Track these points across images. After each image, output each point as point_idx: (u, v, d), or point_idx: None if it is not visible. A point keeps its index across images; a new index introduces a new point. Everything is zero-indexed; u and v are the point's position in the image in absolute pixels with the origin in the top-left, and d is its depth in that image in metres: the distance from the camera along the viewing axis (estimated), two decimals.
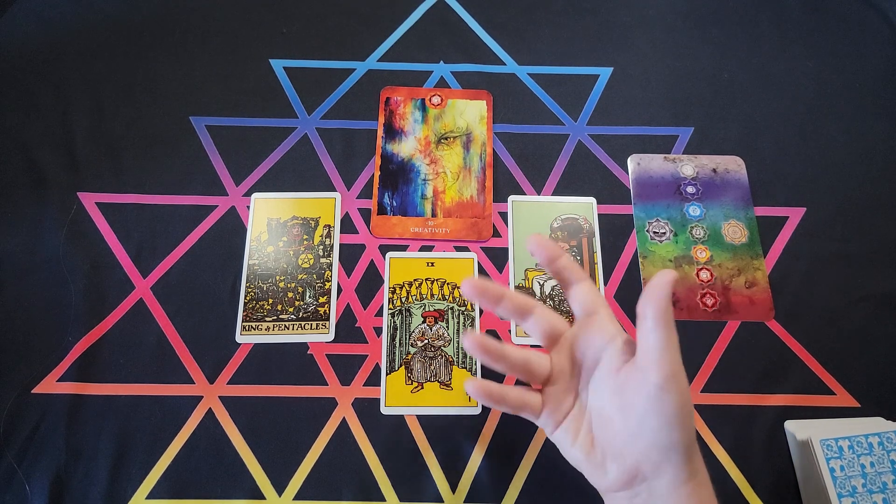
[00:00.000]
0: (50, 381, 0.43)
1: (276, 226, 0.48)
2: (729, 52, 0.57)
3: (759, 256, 0.48)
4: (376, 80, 0.55)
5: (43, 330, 0.44)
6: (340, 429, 0.42)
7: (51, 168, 0.50)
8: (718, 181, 0.51)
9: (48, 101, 0.53)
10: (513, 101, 0.54)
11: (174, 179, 0.50)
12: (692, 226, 0.49)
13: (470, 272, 0.47)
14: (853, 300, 0.46)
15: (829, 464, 0.38)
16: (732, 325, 0.46)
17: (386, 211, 0.49)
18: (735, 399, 0.43)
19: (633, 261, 0.48)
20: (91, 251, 0.47)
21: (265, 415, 0.42)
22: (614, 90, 0.55)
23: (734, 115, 0.54)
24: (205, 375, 0.43)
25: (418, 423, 0.42)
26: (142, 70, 0.55)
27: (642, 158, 0.52)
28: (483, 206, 0.49)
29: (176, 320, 0.45)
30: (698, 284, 0.47)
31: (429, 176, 0.51)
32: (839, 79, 0.56)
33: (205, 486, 0.40)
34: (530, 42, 0.57)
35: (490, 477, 0.41)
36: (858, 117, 0.54)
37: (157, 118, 0.52)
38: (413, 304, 0.46)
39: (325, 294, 0.46)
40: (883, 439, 0.38)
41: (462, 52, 0.57)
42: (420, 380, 0.44)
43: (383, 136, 0.52)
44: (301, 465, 0.41)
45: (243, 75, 0.55)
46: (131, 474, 0.40)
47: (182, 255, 0.47)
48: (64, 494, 0.40)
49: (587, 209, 0.50)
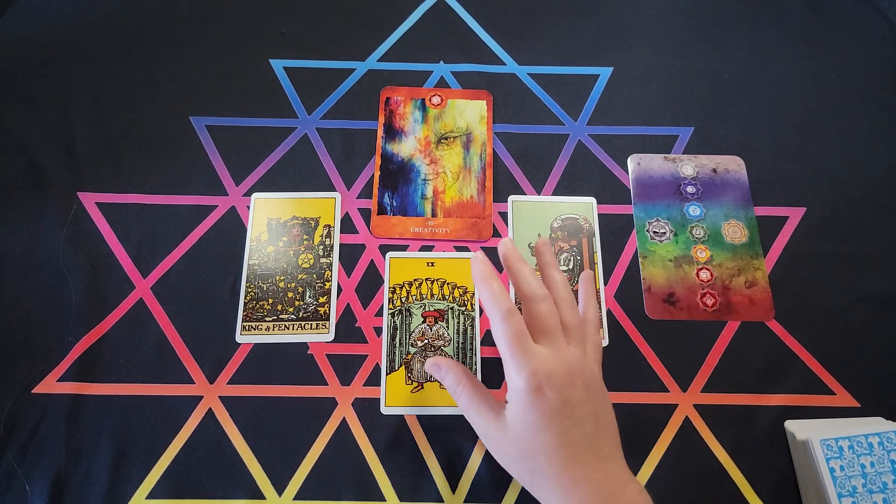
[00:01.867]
0: (50, 381, 0.43)
1: (276, 226, 0.48)
2: (729, 52, 0.57)
3: (759, 256, 0.48)
4: (376, 80, 0.55)
5: (43, 330, 0.44)
6: (340, 429, 0.42)
7: (51, 168, 0.50)
8: (718, 181, 0.51)
9: (48, 101, 0.53)
10: (513, 101, 0.54)
11: (174, 179, 0.50)
12: (692, 226, 0.49)
13: (470, 272, 0.47)
14: (853, 300, 0.46)
15: (829, 464, 0.38)
16: (732, 325, 0.46)
17: (386, 211, 0.49)
18: (735, 399, 0.43)
19: (633, 261, 0.48)
20: (91, 251, 0.47)
21: (265, 415, 0.42)
22: (614, 90, 0.55)
23: (734, 115, 0.54)
24: (205, 375, 0.43)
25: (418, 423, 0.42)
26: (142, 70, 0.55)
27: (642, 158, 0.52)
28: (483, 206, 0.49)
29: (176, 320, 0.45)
30: (698, 284, 0.47)
31: (429, 176, 0.51)
32: (839, 79, 0.56)
33: (205, 486, 0.40)
34: (530, 42, 0.57)
35: (490, 477, 0.41)
36: (858, 117, 0.54)
37: (157, 118, 0.52)
38: (413, 304, 0.46)
39: (325, 294, 0.46)
40: (883, 439, 0.38)
41: (462, 52, 0.57)
42: (420, 380, 0.44)
43: (383, 136, 0.52)
44: (301, 465, 0.41)
45: (243, 75, 0.55)
46: (131, 474, 0.40)
47: (182, 255, 0.47)
48: (64, 494, 0.40)
49: (587, 209, 0.50)
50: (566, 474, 0.30)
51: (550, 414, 0.30)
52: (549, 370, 0.31)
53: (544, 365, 0.31)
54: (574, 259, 0.48)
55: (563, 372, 0.31)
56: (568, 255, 0.48)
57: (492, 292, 0.33)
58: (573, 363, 0.32)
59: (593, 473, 0.30)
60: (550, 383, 0.30)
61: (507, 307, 0.32)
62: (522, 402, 0.31)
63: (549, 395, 0.30)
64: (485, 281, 0.33)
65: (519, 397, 0.31)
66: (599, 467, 0.30)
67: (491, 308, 0.32)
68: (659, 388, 0.44)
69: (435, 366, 0.36)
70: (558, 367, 0.31)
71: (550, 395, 0.30)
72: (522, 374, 0.31)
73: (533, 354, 0.31)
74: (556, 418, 0.30)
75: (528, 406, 0.31)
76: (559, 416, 0.30)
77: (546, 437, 0.30)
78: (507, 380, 0.32)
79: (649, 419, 0.43)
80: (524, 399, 0.31)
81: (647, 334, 0.45)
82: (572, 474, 0.30)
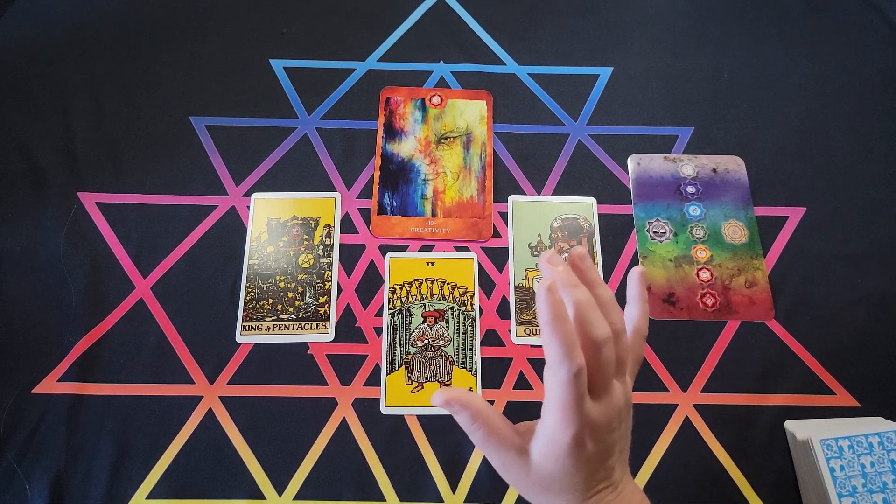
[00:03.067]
0: (50, 381, 0.43)
1: (276, 226, 0.48)
2: (729, 52, 0.57)
3: (759, 256, 0.48)
4: (376, 80, 0.55)
5: (43, 330, 0.44)
6: (340, 429, 0.42)
7: (51, 168, 0.50)
8: (718, 181, 0.51)
9: (48, 101, 0.53)
10: (513, 101, 0.54)
11: (174, 179, 0.50)
12: (692, 226, 0.49)
13: (470, 272, 0.47)
14: (853, 300, 0.46)
15: (829, 464, 0.38)
16: (732, 325, 0.46)
17: (386, 211, 0.49)
18: (735, 399, 0.43)
19: (634, 261, 0.48)
20: (91, 251, 0.47)
21: (265, 415, 0.42)
22: (614, 90, 0.55)
23: (734, 115, 0.54)
24: (205, 375, 0.43)
25: (418, 423, 0.42)
26: (142, 70, 0.55)
27: (642, 158, 0.52)
28: (483, 206, 0.49)
29: (176, 320, 0.45)
30: (698, 284, 0.47)
31: (429, 176, 0.51)
32: (839, 79, 0.56)
33: (205, 486, 0.40)
34: (530, 42, 0.57)
35: (490, 477, 0.41)
36: (858, 117, 0.54)
37: (157, 118, 0.52)
38: (413, 304, 0.46)
39: (325, 294, 0.46)
40: (883, 439, 0.38)
41: (462, 52, 0.57)
42: (420, 380, 0.44)
43: (383, 136, 0.52)
44: (301, 465, 0.41)
45: (243, 75, 0.55)
46: (131, 474, 0.40)
47: (182, 255, 0.47)
48: (64, 494, 0.40)
49: (587, 209, 0.50)
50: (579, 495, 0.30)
51: (584, 460, 0.29)
52: (595, 425, 0.29)
53: (593, 422, 0.29)
54: None
55: (606, 423, 0.29)
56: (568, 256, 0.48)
57: (565, 340, 0.27)
58: (618, 408, 0.30)
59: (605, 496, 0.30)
60: (593, 437, 0.29)
61: (579, 365, 0.27)
62: (559, 451, 0.29)
63: (589, 446, 0.29)
64: (559, 322, 0.27)
65: (556, 446, 0.29)
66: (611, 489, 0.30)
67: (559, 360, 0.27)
68: (659, 388, 0.44)
69: (446, 404, 0.32)
70: (604, 420, 0.29)
71: (591, 446, 0.29)
72: (570, 430, 0.28)
73: (587, 413, 0.28)
74: (589, 463, 0.30)
75: (565, 455, 0.29)
76: (592, 461, 0.30)
77: (576, 477, 0.29)
78: (543, 420, 0.29)
79: (649, 419, 0.43)
80: (562, 449, 0.29)
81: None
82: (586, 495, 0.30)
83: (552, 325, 0.27)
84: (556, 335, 0.27)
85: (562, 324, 0.27)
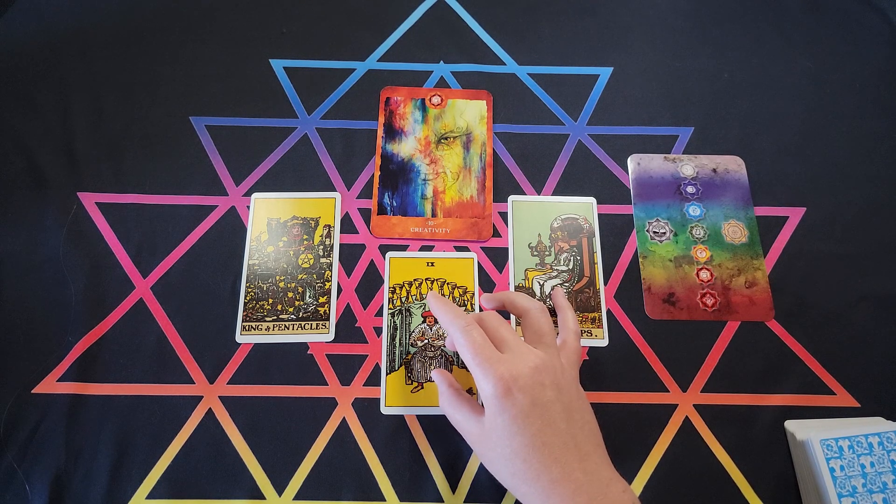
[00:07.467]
0: (50, 381, 0.43)
1: (276, 226, 0.48)
2: (729, 52, 0.57)
3: (759, 256, 0.48)
4: (376, 80, 0.55)
5: (43, 330, 0.44)
6: (340, 429, 0.42)
7: (51, 168, 0.50)
8: (718, 181, 0.51)
9: (48, 101, 0.53)
10: (513, 101, 0.54)
11: (174, 179, 0.50)
12: (692, 226, 0.49)
13: (470, 272, 0.47)
14: (853, 300, 0.46)
15: (829, 464, 0.38)
16: (732, 325, 0.46)
17: (386, 211, 0.49)
18: (735, 399, 0.43)
19: (633, 261, 0.48)
20: (91, 251, 0.47)
21: (265, 415, 0.42)
22: (614, 90, 0.55)
23: (734, 115, 0.54)
24: (205, 375, 0.43)
25: (418, 423, 0.42)
26: (142, 70, 0.55)
27: (642, 158, 0.52)
28: (483, 206, 0.49)
29: (176, 320, 0.45)
30: (698, 284, 0.47)
31: (429, 176, 0.51)
32: (839, 79, 0.56)
33: (205, 486, 0.40)
34: (530, 42, 0.57)
35: (490, 477, 0.41)
36: (858, 117, 0.54)
37: (157, 118, 0.52)
38: (413, 304, 0.46)
39: (325, 294, 0.46)
40: (883, 439, 0.38)
41: (462, 52, 0.57)
42: (420, 380, 0.44)
43: (383, 136, 0.52)
44: (301, 465, 0.41)
45: (243, 75, 0.55)
46: (131, 474, 0.40)
47: (182, 255, 0.47)
48: (64, 494, 0.40)
49: (587, 209, 0.50)
50: (544, 476, 0.30)
51: (521, 416, 0.30)
52: (514, 372, 0.31)
53: (509, 368, 0.31)
54: (574, 259, 0.48)
55: (529, 373, 0.31)
56: (568, 255, 0.48)
57: (449, 311, 0.35)
58: (539, 363, 0.32)
59: (572, 473, 0.30)
60: (518, 385, 0.31)
61: (466, 321, 0.34)
62: (494, 408, 0.31)
63: (517, 396, 0.31)
64: (440, 303, 0.36)
65: (490, 403, 0.32)
66: (579, 466, 0.30)
67: (451, 325, 0.34)
68: (659, 388, 0.44)
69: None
70: (524, 368, 0.32)
71: (519, 396, 0.31)
72: (489, 379, 0.31)
73: (497, 360, 0.32)
74: (527, 419, 0.30)
75: (499, 410, 0.31)
76: (530, 417, 0.30)
77: (520, 439, 0.30)
78: (478, 390, 0.33)
79: (649, 419, 0.43)
80: (495, 404, 0.31)
81: (647, 334, 0.45)
82: (550, 475, 0.30)
83: (438, 303, 0.36)
84: (443, 307, 0.36)
85: (443, 303, 0.36)
